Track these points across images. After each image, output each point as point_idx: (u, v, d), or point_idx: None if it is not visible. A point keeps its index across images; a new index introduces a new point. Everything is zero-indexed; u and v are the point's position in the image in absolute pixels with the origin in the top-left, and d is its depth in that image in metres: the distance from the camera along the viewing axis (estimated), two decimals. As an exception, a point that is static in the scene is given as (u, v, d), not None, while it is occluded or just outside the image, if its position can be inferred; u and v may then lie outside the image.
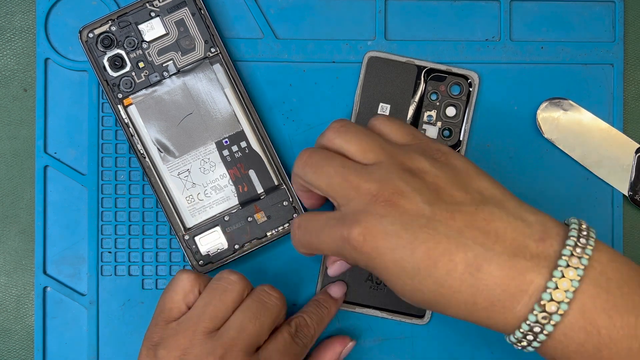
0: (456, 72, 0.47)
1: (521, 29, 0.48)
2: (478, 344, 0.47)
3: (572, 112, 0.47)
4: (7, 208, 0.48)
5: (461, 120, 0.47)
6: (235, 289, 0.40)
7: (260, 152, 0.46)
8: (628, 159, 0.47)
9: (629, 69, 0.48)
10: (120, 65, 0.46)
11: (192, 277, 0.41)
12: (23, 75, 0.48)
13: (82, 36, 0.45)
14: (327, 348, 0.45)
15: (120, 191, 0.47)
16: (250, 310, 0.40)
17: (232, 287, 0.40)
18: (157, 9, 0.46)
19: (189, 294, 0.41)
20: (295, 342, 0.42)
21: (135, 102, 0.46)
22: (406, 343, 0.47)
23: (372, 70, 0.47)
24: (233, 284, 0.40)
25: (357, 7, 0.48)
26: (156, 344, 0.40)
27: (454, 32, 0.48)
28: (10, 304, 0.48)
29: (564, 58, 0.48)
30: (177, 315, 0.41)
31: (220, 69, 0.46)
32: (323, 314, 0.44)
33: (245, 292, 0.41)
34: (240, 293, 0.40)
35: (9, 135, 0.48)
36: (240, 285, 0.41)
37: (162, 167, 0.46)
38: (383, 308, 0.47)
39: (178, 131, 0.46)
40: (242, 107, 0.46)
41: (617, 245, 0.47)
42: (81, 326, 0.47)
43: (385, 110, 0.47)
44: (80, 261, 0.47)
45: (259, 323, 0.40)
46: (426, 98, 0.47)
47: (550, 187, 0.48)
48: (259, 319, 0.40)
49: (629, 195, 0.47)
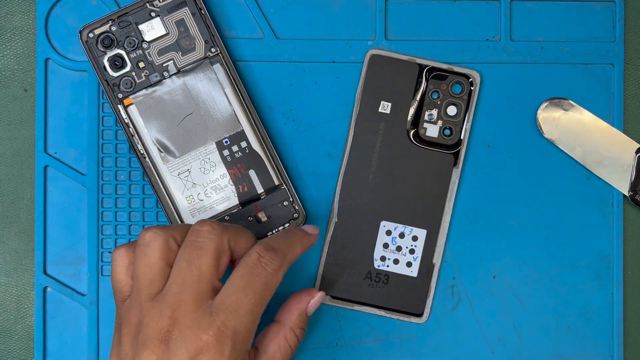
0: (458, 71, 0.47)
1: (521, 29, 0.48)
2: (478, 344, 0.47)
3: (572, 112, 0.47)
4: (7, 208, 0.48)
5: (462, 119, 0.47)
6: (155, 245, 0.38)
7: (260, 152, 0.46)
8: (628, 159, 0.47)
9: (629, 69, 0.48)
10: (120, 65, 0.46)
11: (122, 251, 0.40)
12: (23, 75, 0.48)
13: (82, 36, 0.45)
14: (293, 298, 0.43)
15: (120, 191, 0.47)
16: (183, 258, 0.38)
17: (150, 247, 0.38)
18: (157, 9, 0.46)
19: (128, 266, 0.40)
20: (260, 267, 0.38)
21: (135, 102, 0.46)
22: (406, 343, 0.47)
23: (374, 68, 0.47)
24: (150, 244, 0.38)
25: (357, 6, 0.48)
26: (118, 326, 0.39)
27: (454, 32, 0.48)
28: (10, 304, 0.48)
29: (564, 58, 0.48)
30: (127, 292, 0.39)
31: (220, 69, 0.46)
32: (293, 238, 0.41)
33: (171, 242, 0.38)
34: (162, 247, 0.38)
35: (9, 135, 0.48)
36: (159, 241, 0.38)
37: (162, 167, 0.46)
38: (381, 306, 0.47)
39: (178, 131, 0.46)
40: (242, 107, 0.46)
41: (617, 245, 0.47)
42: (81, 326, 0.47)
43: (386, 108, 0.47)
44: (80, 261, 0.47)
45: (196, 266, 0.37)
46: (427, 97, 0.47)
47: (550, 187, 0.48)
48: (194, 262, 0.37)
49: (629, 195, 0.47)
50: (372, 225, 0.47)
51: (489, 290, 0.48)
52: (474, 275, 0.48)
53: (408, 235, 0.47)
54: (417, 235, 0.47)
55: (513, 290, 0.48)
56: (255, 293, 0.38)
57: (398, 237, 0.47)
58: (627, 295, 0.48)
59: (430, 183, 0.47)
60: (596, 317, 0.47)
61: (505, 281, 0.48)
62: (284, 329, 0.42)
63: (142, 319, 0.37)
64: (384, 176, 0.47)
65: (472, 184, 0.48)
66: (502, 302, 0.48)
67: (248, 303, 0.37)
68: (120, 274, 0.40)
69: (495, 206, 0.48)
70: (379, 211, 0.47)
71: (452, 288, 0.48)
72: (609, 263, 0.48)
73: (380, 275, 0.47)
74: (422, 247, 0.47)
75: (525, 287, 0.48)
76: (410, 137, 0.47)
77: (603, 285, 0.48)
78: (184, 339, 0.36)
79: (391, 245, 0.47)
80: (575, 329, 0.47)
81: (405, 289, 0.47)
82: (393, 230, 0.47)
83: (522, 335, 0.47)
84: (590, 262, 0.48)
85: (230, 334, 0.37)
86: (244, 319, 0.37)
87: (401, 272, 0.47)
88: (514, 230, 0.48)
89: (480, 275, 0.48)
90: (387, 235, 0.47)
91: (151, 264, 0.38)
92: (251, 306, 0.37)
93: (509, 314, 0.47)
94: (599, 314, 0.47)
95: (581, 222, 0.48)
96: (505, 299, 0.48)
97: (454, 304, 0.47)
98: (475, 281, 0.48)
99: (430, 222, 0.47)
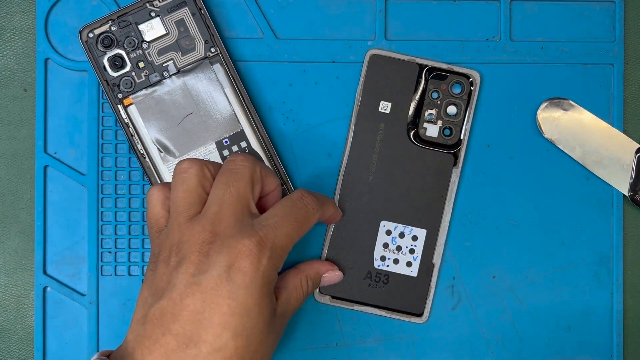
0: (457, 71, 0.47)
1: (521, 29, 0.48)
2: (478, 344, 0.47)
3: (572, 112, 0.47)
4: (7, 208, 0.48)
5: (462, 119, 0.47)
6: (192, 172, 0.40)
7: (260, 152, 0.46)
8: (628, 159, 0.47)
9: (629, 69, 0.48)
10: (120, 65, 0.46)
11: (157, 188, 0.42)
12: (23, 75, 0.48)
13: (82, 36, 0.45)
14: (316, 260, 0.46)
15: (120, 191, 0.47)
16: (221, 182, 0.40)
17: (188, 173, 0.40)
18: (157, 9, 0.46)
19: (164, 201, 0.41)
20: (303, 203, 0.41)
21: (135, 102, 0.46)
22: (406, 343, 0.47)
23: (374, 68, 0.47)
24: (187, 171, 0.40)
25: (357, 6, 0.48)
26: (152, 259, 0.40)
27: (454, 32, 0.48)
28: (10, 304, 0.48)
29: (564, 58, 0.48)
30: (164, 223, 0.41)
31: (220, 69, 0.46)
32: (328, 199, 0.44)
33: (206, 171, 0.40)
34: (199, 174, 0.40)
35: (9, 135, 0.48)
36: (195, 167, 0.40)
37: (162, 167, 0.46)
38: (381, 306, 0.47)
39: (178, 131, 0.46)
40: (242, 107, 0.46)
41: (617, 245, 0.47)
42: (81, 326, 0.47)
43: (386, 108, 0.47)
44: (80, 261, 0.47)
45: (234, 189, 0.39)
46: (427, 96, 0.47)
47: (550, 187, 0.48)
48: (233, 185, 0.39)
49: (629, 195, 0.47)
50: (372, 225, 0.47)
51: (489, 290, 0.48)
52: (474, 275, 0.48)
53: (408, 235, 0.47)
54: (417, 235, 0.47)
55: (513, 290, 0.48)
56: (296, 221, 0.40)
57: (398, 237, 0.47)
58: (627, 295, 0.48)
59: (430, 183, 0.47)
60: (596, 317, 0.47)
61: (505, 281, 0.48)
62: (302, 274, 0.44)
63: (182, 237, 0.39)
64: (384, 176, 0.47)
65: (472, 184, 0.48)
66: (502, 302, 0.48)
67: (288, 226, 0.39)
68: (157, 207, 0.41)
69: (495, 206, 0.48)
70: (379, 211, 0.47)
71: (452, 288, 0.48)
72: (608, 263, 0.48)
73: (380, 275, 0.47)
74: (422, 247, 0.47)
75: (525, 287, 0.48)
76: (410, 137, 0.47)
77: (603, 285, 0.48)
78: (225, 246, 0.38)
79: (391, 245, 0.47)
80: (575, 329, 0.47)
81: (405, 289, 0.47)
82: (393, 230, 0.47)
83: (522, 335, 0.47)
84: (590, 262, 0.48)
85: (270, 245, 0.38)
86: (283, 239, 0.39)
87: (401, 272, 0.47)
88: (514, 230, 0.48)
89: (480, 275, 0.48)
90: (387, 235, 0.47)
91: (190, 189, 0.40)
92: (290, 230, 0.39)
93: (509, 314, 0.47)
94: (599, 314, 0.47)
95: (581, 222, 0.48)
96: (505, 299, 0.48)
97: (454, 304, 0.47)
98: (475, 281, 0.48)
99: (430, 222, 0.47)
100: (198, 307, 0.37)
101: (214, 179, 0.41)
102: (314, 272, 0.45)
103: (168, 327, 0.37)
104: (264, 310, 0.38)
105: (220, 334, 0.36)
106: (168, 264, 0.38)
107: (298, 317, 0.47)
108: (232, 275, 0.37)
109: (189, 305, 0.37)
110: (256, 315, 0.37)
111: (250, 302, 0.37)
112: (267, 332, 0.38)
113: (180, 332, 0.37)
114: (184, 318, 0.37)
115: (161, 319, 0.37)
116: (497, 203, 0.48)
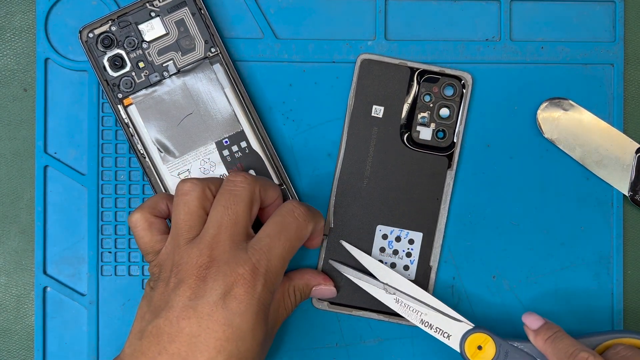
0: (449, 73, 0.47)
1: (521, 29, 0.48)
2: (478, 344, 0.47)
3: (572, 112, 0.47)
4: (7, 208, 0.48)
5: (455, 121, 0.47)
6: (193, 195, 0.41)
7: (260, 152, 0.46)
8: (628, 159, 0.47)
9: (629, 69, 0.48)
10: (120, 65, 0.46)
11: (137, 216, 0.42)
12: (23, 75, 0.48)
13: (82, 36, 0.45)
14: (310, 270, 0.46)
15: (120, 191, 0.47)
16: (220, 204, 0.40)
17: (189, 195, 0.41)
18: (157, 9, 0.46)
19: (150, 227, 0.42)
20: (294, 216, 0.41)
21: (135, 102, 0.46)
22: (406, 343, 0.47)
23: (365, 73, 0.47)
24: (189, 193, 0.41)
25: (357, 7, 0.48)
26: (150, 281, 0.41)
27: (454, 32, 0.48)
28: (10, 304, 0.48)
29: (564, 58, 0.48)
30: (159, 247, 0.42)
31: (220, 69, 0.46)
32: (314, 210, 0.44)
33: (207, 192, 0.41)
34: (200, 196, 0.41)
35: (9, 135, 0.48)
36: (197, 190, 0.41)
37: (162, 167, 0.46)
38: (380, 311, 0.47)
39: (178, 131, 0.46)
40: (242, 107, 0.46)
41: (617, 245, 0.47)
42: (81, 326, 0.47)
43: (379, 112, 0.47)
44: (80, 261, 0.47)
45: (232, 212, 0.40)
46: (420, 99, 0.47)
47: (550, 187, 0.48)
48: (231, 207, 0.40)
49: (629, 195, 0.47)
50: (368, 230, 0.47)
51: (489, 290, 0.48)
52: (474, 275, 0.48)
53: (404, 238, 0.47)
54: (413, 239, 0.47)
55: (513, 290, 0.48)
56: (287, 239, 0.41)
57: (394, 240, 0.47)
58: (627, 295, 0.48)
59: (425, 186, 0.47)
60: (596, 318, 0.47)
61: (505, 281, 0.48)
62: (290, 284, 0.45)
63: (180, 259, 0.39)
64: (378, 180, 0.47)
65: (473, 184, 0.48)
66: (502, 302, 0.47)
67: (280, 247, 0.40)
68: (146, 235, 0.42)
69: (495, 206, 0.48)
70: (375, 215, 0.47)
71: (452, 288, 0.48)
72: (609, 263, 0.48)
73: (380, 276, 0.47)
74: (418, 250, 0.47)
75: (525, 287, 0.47)
76: (404, 140, 0.47)
77: (603, 285, 0.48)
78: (221, 273, 0.38)
79: (388, 249, 0.47)
80: (575, 329, 0.47)
81: (405, 289, 0.47)
82: (389, 234, 0.47)
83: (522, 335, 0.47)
84: (590, 262, 0.48)
85: (263, 272, 0.39)
86: (276, 262, 0.40)
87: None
88: (514, 230, 0.48)
89: (480, 275, 0.48)
90: (384, 239, 0.47)
91: (191, 211, 0.41)
92: (282, 251, 0.40)
93: (509, 314, 0.47)
94: (599, 314, 0.47)
95: (581, 222, 0.48)
96: (505, 298, 0.47)
97: (454, 304, 0.47)
98: (475, 281, 0.48)
99: (426, 224, 0.47)
100: (194, 330, 0.38)
101: (214, 197, 0.41)
102: (304, 283, 0.45)
103: (164, 347, 0.38)
104: (257, 335, 0.39)
105: (214, 357, 0.38)
106: (167, 284, 0.39)
107: (298, 318, 0.47)
108: (228, 302, 0.38)
109: (184, 328, 0.38)
110: (250, 339, 0.38)
111: (245, 328, 0.38)
112: (261, 352, 0.40)
113: (176, 352, 0.38)
114: (180, 339, 0.38)
115: (158, 337, 0.38)
116: (497, 203, 0.48)
